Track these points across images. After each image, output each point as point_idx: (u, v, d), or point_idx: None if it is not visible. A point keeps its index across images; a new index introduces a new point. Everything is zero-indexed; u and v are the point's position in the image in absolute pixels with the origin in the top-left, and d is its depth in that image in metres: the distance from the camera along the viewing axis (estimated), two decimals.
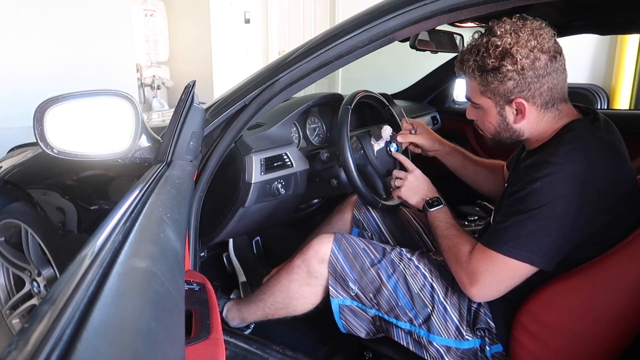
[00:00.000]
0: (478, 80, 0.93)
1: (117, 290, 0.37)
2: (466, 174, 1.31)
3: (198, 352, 0.67)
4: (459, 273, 0.94)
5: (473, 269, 0.90)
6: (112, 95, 0.92)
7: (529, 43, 0.86)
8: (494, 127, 0.98)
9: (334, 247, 1.09)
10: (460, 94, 2.22)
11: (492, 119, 0.96)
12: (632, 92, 3.40)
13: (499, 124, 0.96)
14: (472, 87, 0.96)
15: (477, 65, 0.91)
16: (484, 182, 1.29)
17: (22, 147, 1.56)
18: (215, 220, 1.23)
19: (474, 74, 0.92)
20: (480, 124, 1.02)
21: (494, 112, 0.95)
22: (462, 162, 1.30)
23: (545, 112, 0.92)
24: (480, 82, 0.93)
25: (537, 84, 0.88)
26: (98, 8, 3.35)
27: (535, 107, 0.91)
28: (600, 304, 0.84)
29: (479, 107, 0.98)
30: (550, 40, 0.88)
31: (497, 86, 0.90)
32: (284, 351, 1.09)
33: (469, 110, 1.03)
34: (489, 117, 0.97)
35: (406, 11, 0.87)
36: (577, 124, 0.91)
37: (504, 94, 0.91)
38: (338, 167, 1.29)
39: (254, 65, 4.97)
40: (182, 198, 0.75)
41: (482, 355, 0.98)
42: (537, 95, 0.89)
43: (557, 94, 0.91)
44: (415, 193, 1.12)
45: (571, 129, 0.90)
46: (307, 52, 0.98)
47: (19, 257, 1.53)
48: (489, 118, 0.97)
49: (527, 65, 0.86)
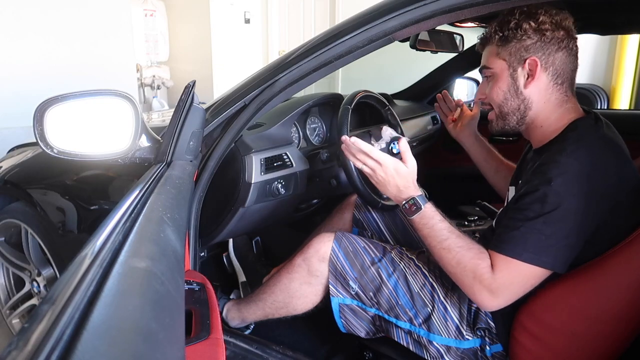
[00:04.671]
0: (496, 41, 0.95)
1: (117, 290, 0.37)
2: (488, 169, 1.32)
3: (198, 352, 0.67)
4: (479, 290, 0.87)
5: (499, 284, 0.85)
6: (112, 95, 0.92)
7: (552, 12, 0.90)
8: (503, 92, 0.96)
9: (335, 245, 1.09)
10: (461, 94, 2.21)
11: (503, 83, 0.96)
12: (632, 92, 3.40)
13: (509, 88, 0.95)
14: (489, 52, 0.97)
15: (499, 26, 0.93)
16: (502, 181, 1.29)
17: (22, 147, 1.56)
18: (215, 220, 1.23)
19: (495, 34, 0.94)
20: (489, 97, 1.00)
21: (506, 75, 0.95)
22: (486, 156, 1.32)
23: (554, 89, 0.93)
24: (499, 41, 0.94)
25: (553, 49, 0.90)
26: (98, 8, 3.35)
27: (546, 74, 0.92)
28: (600, 304, 0.84)
29: (490, 76, 0.98)
30: (569, 21, 0.91)
31: (515, 44, 0.92)
32: (284, 351, 1.09)
33: (479, 89, 1.03)
34: (499, 82, 0.96)
35: (406, 11, 0.87)
36: (581, 123, 0.91)
37: (519, 52, 0.92)
38: (338, 167, 1.29)
39: (254, 65, 4.97)
40: (182, 198, 0.75)
41: (482, 355, 0.98)
42: (550, 61, 0.91)
43: (568, 73, 0.92)
44: (387, 189, 1.01)
45: (575, 128, 0.90)
46: (307, 52, 0.98)
47: (19, 257, 1.53)
48: (500, 83, 0.96)
49: (548, 29, 0.89)
